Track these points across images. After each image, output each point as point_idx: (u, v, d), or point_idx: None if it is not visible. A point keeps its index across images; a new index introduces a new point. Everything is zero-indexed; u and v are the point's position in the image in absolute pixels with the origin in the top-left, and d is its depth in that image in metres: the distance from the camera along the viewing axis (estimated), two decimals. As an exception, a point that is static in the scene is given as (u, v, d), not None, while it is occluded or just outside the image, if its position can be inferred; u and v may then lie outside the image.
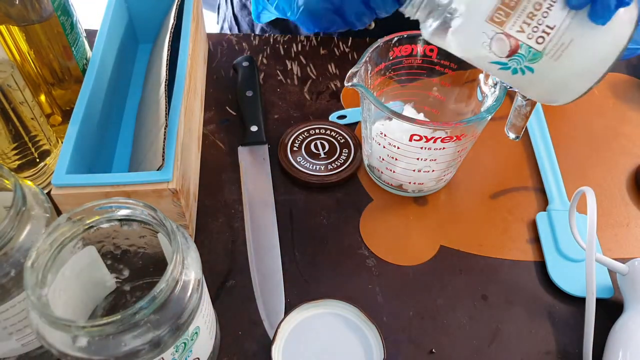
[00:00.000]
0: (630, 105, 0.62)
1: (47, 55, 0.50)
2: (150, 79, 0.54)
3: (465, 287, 0.46)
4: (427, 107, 0.53)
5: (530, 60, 0.37)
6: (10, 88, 0.43)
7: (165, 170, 0.41)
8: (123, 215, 0.33)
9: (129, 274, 0.39)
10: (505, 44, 0.37)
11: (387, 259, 0.48)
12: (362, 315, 0.39)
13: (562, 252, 0.47)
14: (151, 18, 0.60)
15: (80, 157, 0.43)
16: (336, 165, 0.53)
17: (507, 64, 0.38)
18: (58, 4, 0.48)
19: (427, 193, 0.52)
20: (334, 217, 0.50)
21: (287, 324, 0.39)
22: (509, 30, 0.36)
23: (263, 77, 0.63)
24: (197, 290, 0.32)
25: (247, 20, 0.76)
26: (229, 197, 0.51)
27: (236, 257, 0.47)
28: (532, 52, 0.37)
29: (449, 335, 0.43)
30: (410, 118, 0.42)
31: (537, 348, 0.43)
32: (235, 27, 0.79)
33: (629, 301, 0.43)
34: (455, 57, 0.40)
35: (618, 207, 0.53)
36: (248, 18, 0.75)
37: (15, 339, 0.36)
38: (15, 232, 0.32)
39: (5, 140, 0.45)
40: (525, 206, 0.52)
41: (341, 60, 0.65)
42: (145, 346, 0.29)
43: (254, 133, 0.55)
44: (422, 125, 0.42)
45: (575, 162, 0.56)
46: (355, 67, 0.44)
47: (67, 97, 0.54)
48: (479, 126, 0.45)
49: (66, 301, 0.33)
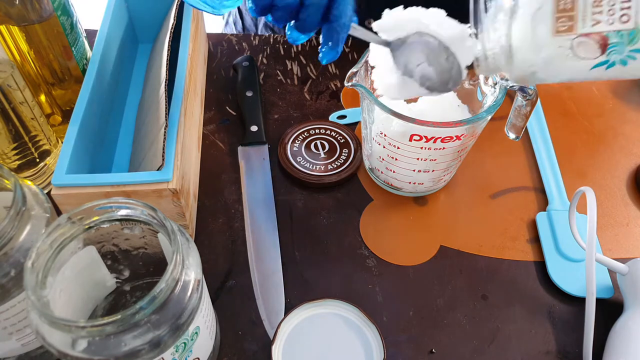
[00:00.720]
0: (630, 105, 0.62)
1: (47, 55, 0.50)
2: (150, 79, 0.54)
3: (465, 287, 0.46)
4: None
5: (631, 42, 0.33)
6: (10, 88, 0.43)
7: (165, 170, 0.41)
8: (123, 215, 0.33)
9: (129, 274, 0.39)
10: (589, 44, 0.34)
11: (387, 259, 0.48)
12: (362, 315, 0.39)
13: (562, 252, 0.47)
14: (151, 18, 0.60)
15: (80, 157, 0.43)
16: (336, 165, 0.53)
17: (609, 60, 0.34)
18: (58, 4, 0.48)
19: (427, 193, 0.52)
20: (334, 217, 0.50)
21: (287, 324, 0.39)
22: (583, 31, 0.34)
23: (263, 77, 0.63)
24: (197, 290, 0.32)
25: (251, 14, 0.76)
26: (229, 197, 0.51)
27: (236, 257, 0.47)
28: (625, 34, 0.33)
29: (449, 335, 0.43)
30: (410, 118, 0.42)
31: (537, 348, 0.43)
32: (240, 20, 0.79)
33: (629, 301, 0.43)
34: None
35: (618, 207, 0.53)
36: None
37: (15, 339, 0.36)
38: (15, 232, 0.32)
39: (5, 140, 0.45)
40: (525, 206, 0.52)
41: (341, 60, 0.65)
42: (145, 346, 0.29)
43: (254, 133, 0.55)
44: (422, 125, 0.42)
45: (575, 162, 0.56)
46: (355, 67, 0.44)
47: (67, 97, 0.54)
48: (479, 126, 0.45)
49: (66, 301, 0.33)
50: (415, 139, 0.44)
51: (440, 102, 0.50)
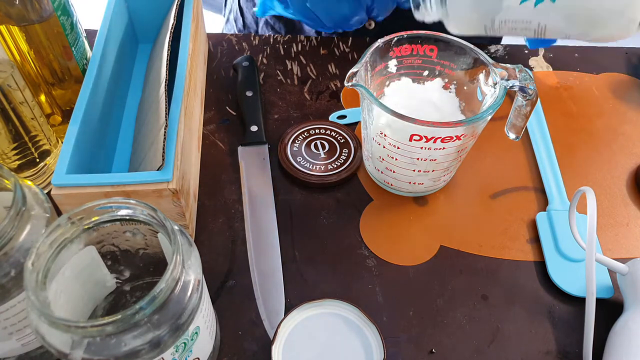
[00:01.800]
0: (630, 105, 0.62)
1: (47, 55, 0.50)
2: (150, 79, 0.54)
3: (465, 287, 0.46)
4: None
5: None
6: (10, 88, 0.43)
7: (165, 170, 0.41)
8: (123, 215, 0.33)
9: (129, 274, 0.39)
10: None
11: (387, 259, 0.48)
12: (362, 315, 0.39)
13: (562, 252, 0.47)
14: (151, 18, 0.60)
15: (80, 157, 0.43)
16: (336, 165, 0.53)
17: None
18: (58, 4, 0.48)
19: (427, 193, 0.52)
20: (334, 217, 0.50)
21: (287, 324, 0.39)
22: None
23: (263, 77, 0.63)
24: (197, 290, 0.32)
25: (252, 12, 0.76)
26: (229, 197, 0.51)
27: (236, 257, 0.47)
28: None
29: (449, 335, 0.43)
30: (410, 118, 0.42)
31: (537, 348, 0.43)
32: (240, 18, 0.79)
33: (629, 301, 0.43)
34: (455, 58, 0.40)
35: (618, 207, 0.53)
36: (253, 10, 0.76)
37: (15, 339, 0.36)
38: (15, 232, 0.32)
39: (5, 140, 0.45)
40: (525, 206, 0.52)
41: (341, 60, 0.65)
42: (145, 346, 0.29)
43: (254, 133, 0.55)
44: (422, 125, 0.42)
45: (575, 162, 0.56)
46: (355, 67, 0.44)
47: (67, 97, 0.54)
48: (479, 126, 0.45)
49: (66, 301, 0.33)
50: (415, 139, 0.44)
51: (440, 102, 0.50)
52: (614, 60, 0.67)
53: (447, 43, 0.49)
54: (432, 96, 0.50)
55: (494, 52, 0.68)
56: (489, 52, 0.68)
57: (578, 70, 0.66)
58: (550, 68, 0.66)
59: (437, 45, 0.49)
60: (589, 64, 0.67)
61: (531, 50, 0.68)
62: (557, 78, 0.65)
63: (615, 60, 0.67)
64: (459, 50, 0.48)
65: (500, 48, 0.68)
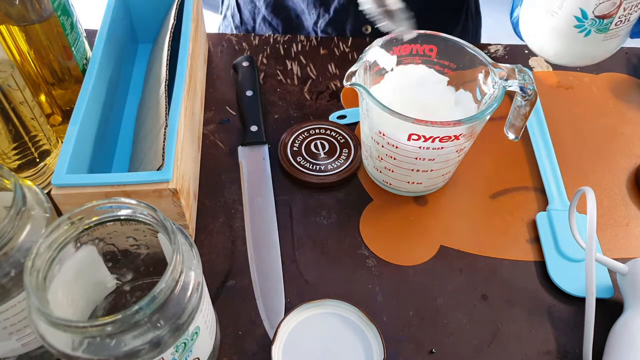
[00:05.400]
0: (630, 105, 0.62)
1: (47, 55, 0.50)
2: (150, 79, 0.54)
3: (465, 287, 0.46)
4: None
5: (598, 30, 0.47)
6: (10, 88, 0.43)
7: (165, 170, 0.41)
8: (123, 215, 0.33)
9: (129, 274, 0.39)
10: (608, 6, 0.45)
11: (387, 259, 0.48)
12: (362, 315, 0.39)
13: (562, 252, 0.47)
14: (151, 18, 0.60)
15: (80, 157, 0.43)
16: (336, 165, 0.53)
17: (584, 24, 0.48)
18: (58, 4, 0.48)
19: (427, 193, 0.52)
20: (334, 217, 0.50)
21: (287, 324, 0.39)
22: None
23: (263, 77, 0.63)
24: (197, 290, 0.32)
25: (249, 8, 0.76)
26: (229, 197, 0.51)
27: (236, 257, 0.47)
28: (607, 25, 0.46)
29: (449, 335, 0.43)
30: (408, 117, 0.42)
31: (537, 348, 0.43)
32: (237, 14, 0.79)
33: (629, 301, 0.43)
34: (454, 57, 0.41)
35: (618, 207, 0.53)
36: (250, 6, 0.76)
37: (15, 339, 0.36)
38: (15, 232, 0.32)
39: (5, 140, 0.45)
40: (525, 206, 0.52)
41: (341, 60, 0.65)
42: (145, 346, 0.29)
43: (254, 133, 0.55)
44: (420, 125, 0.42)
45: (575, 162, 0.56)
46: (354, 67, 0.44)
47: (67, 97, 0.54)
48: (478, 126, 0.45)
49: (66, 301, 0.33)
50: (414, 139, 0.44)
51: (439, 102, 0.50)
52: (614, 60, 0.67)
53: (446, 43, 0.49)
54: (431, 96, 0.50)
55: (494, 52, 0.68)
56: (488, 52, 0.68)
57: (578, 70, 0.66)
58: (550, 68, 0.66)
59: (436, 45, 0.49)
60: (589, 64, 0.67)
61: (531, 50, 0.68)
62: (557, 78, 0.65)
63: (615, 60, 0.67)
64: (458, 50, 0.48)
65: (500, 48, 0.68)
